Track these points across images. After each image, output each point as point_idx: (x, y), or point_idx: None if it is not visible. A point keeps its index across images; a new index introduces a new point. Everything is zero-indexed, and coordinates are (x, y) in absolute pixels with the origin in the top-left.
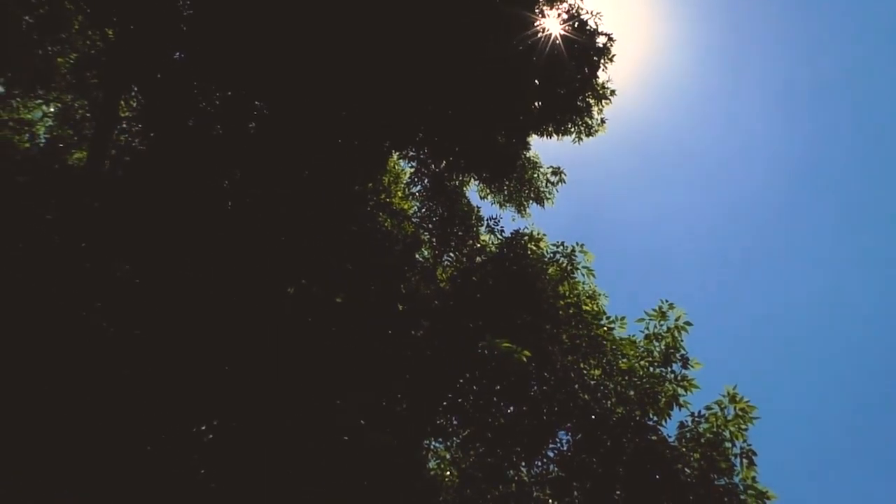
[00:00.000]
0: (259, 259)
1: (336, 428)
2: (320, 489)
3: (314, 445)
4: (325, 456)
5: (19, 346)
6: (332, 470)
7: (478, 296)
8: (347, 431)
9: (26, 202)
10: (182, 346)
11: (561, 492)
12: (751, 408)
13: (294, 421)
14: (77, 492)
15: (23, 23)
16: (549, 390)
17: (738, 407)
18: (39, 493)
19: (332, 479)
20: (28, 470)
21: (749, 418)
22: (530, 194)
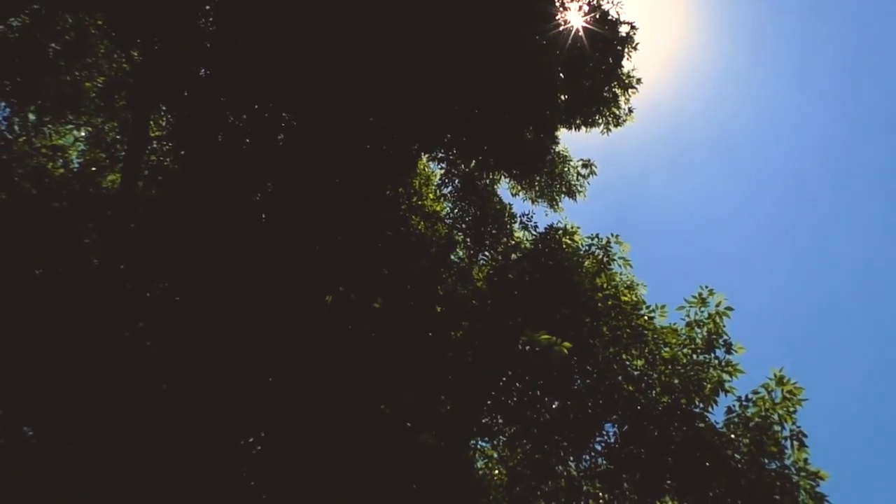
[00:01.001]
0: (296, 270)
1: (382, 431)
2: (371, 493)
3: (362, 451)
4: (374, 460)
5: (69, 368)
6: (380, 474)
7: (515, 293)
8: (393, 434)
9: (64, 227)
10: (225, 361)
11: (611, 484)
12: (798, 389)
13: (340, 426)
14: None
15: (49, 50)
16: (592, 383)
17: (786, 389)
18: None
19: (381, 483)
20: (90, 486)
21: (797, 400)
22: (562, 188)
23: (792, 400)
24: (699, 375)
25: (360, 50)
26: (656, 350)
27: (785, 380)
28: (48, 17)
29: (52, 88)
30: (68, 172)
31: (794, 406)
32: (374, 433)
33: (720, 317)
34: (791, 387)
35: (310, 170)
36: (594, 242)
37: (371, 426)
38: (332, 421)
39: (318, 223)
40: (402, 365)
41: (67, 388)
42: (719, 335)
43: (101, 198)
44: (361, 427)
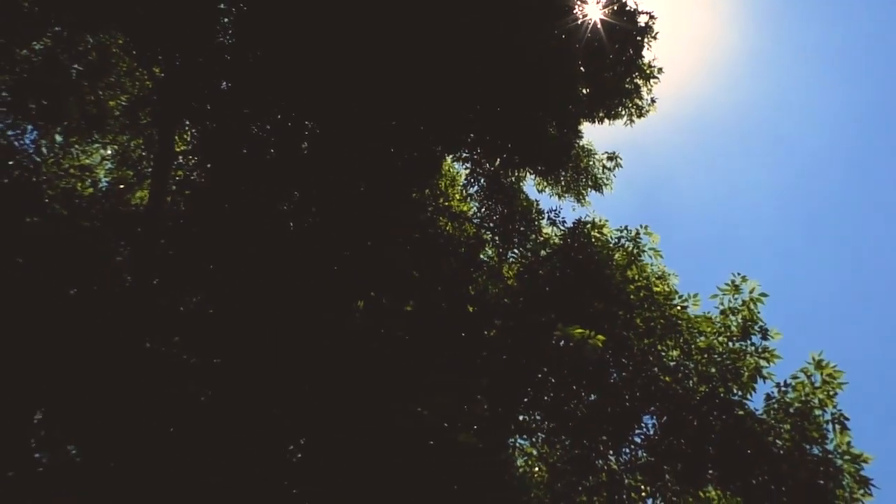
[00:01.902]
0: (326, 276)
1: (419, 433)
2: (412, 496)
3: (401, 453)
4: (413, 462)
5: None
6: (421, 476)
7: (546, 289)
8: (431, 436)
9: (96, 247)
10: (263, 370)
11: (652, 477)
12: (838, 373)
13: (377, 430)
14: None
15: (73, 71)
16: (628, 376)
17: (825, 373)
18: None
19: (422, 485)
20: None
21: (837, 384)
22: (588, 182)
23: (832, 384)
24: (736, 363)
25: (380, 53)
26: (691, 339)
27: (824, 363)
28: (70, 38)
29: (77, 109)
30: (97, 191)
31: (834, 390)
32: (412, 435)
33: (754, 303)
34: (830, 370)
35: (334, 176)
36: (623, 234)
37: (409, 428)
38: (370, 425)
39: (345, 229)
40: (436, 366)
41: (110, 406)
42: (754, 322)
43: (131, 215)
44: (399, 429)
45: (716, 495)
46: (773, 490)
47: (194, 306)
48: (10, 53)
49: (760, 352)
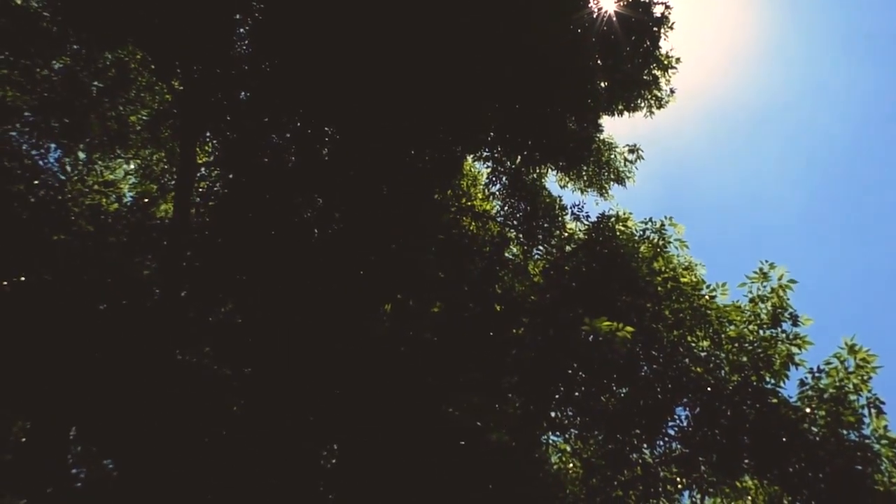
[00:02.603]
0: (352, 281)
1: (452, 433)
2: (448, 496)
3: (434, 456)
4: (446, 463)
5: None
6: (454, 476)
7: (573, 285)
8: (464, 436)
9: (123, 262)
10: (293, 377)
11: (688, 468)
12: (871, 357)
13: (409, 432)
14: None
15: (93, 89)
16: (659, 368)
17: (859, 357)
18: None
19: (457, 486)
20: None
21: (871, 368)
22: (610, 176)
23: (865, 368)
24: (767, 351)
25: (396, 55)
26: (721, 329)
27: (857, 348)
28: (89, 56)
29: (99, 125)
30: (122, 207)
31: (868, 374)
32: (444, 436)
33: (783, 290)
34: (864, 354)
35: (356, 181)
36: (648, 227)
37: (441, 429)
38: (402, 427)
39: (369, 233)
40: (466, 367)
41: (144, 419)
42: (784, 309)
43: (157, 228)
44: (431, 431)
45: (752, 485)
46: (810, 477)
47: (223, 317)
48: (31, 74)
49: (791, 339)
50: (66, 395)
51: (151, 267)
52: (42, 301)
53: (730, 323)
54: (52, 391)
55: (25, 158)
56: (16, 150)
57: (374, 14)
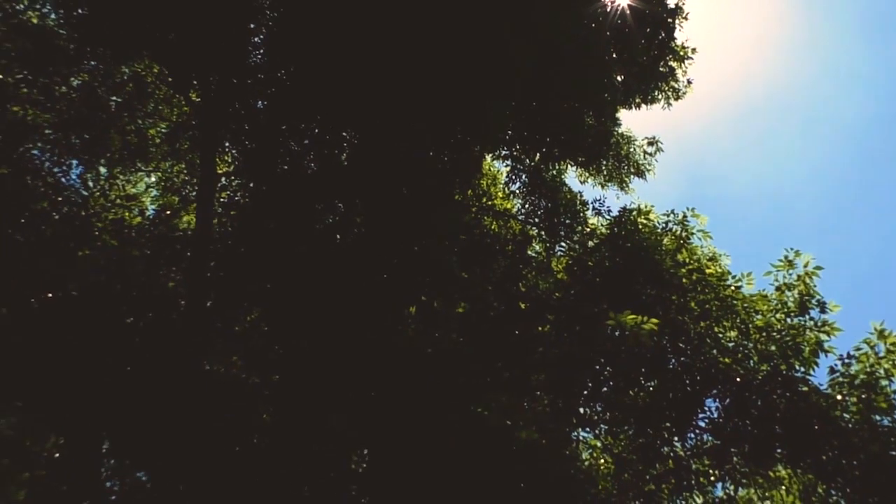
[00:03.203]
0: (376, 285)
1: (481, 433)
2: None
3: (464, 456)
4: (477, 463)
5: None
6: (485, 475)
7: (597, 280)
8: (493, 435)
9: (148, 274)
10: (322, 383)
11: (720, 460)
12: None
13: (439, 434)
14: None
15: (112, 104)
16: (687, 360)
17: (889, 342)
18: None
19: (487, 485)
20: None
21: None
22: (630, 169)
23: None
24: (796, 339)
25: (411, 56)
26: (748, 319)
27: (886, 333)
28: (106, 71)
29: (119, 140)
30: (145, 220)
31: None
32: (474, 436)
33: (809, 277)
34: (894, 339)
35: (376, 185)
36: (670, 219)
37: (470, 430)
38: (431, 429)
39: (391, 236)
40: (492, 366)
41: (175, 430)
42: (811, 296)
43: (180, 240)
44: (460, 432)
45: (786, 474)
46: (844, 464)
47: (249, 326)
48: (50, 92)
49: (820, 326)
50: (98, 410)
51: (176, 278)
52: (70, 316)
53: (756, 312)
54: (84, 406)
55: (48, 176)
56: (38, 167)
57: (387, 17)
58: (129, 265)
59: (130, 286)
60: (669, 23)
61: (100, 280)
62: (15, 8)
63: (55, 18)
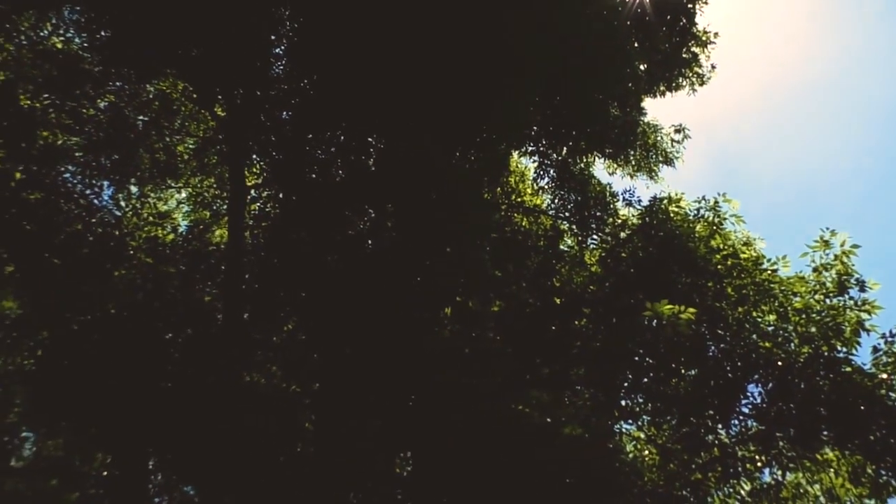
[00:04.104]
0: (410, 288)
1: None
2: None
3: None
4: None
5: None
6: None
7: (631, 271)
8: (536, 432)
9: (184, 289)
10: (363, 389)
11: (766, 445)
12: None
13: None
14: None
15: (139, 123)
16: (726, 347)
17: None
18: None
19: (532, 483)
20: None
21: None
22: (658, 158)
23: None
24: (836, 319)
25: (431, 58)
26: (787, 302)
27: None
28: (132, 92)
29: (149, 158)
30: (178, 236)
31: None
32: (516, 434)
33: (847, 256)
34: None
35: (405, 189)
36: (702, 205)
37: (511, 428)
38: (472, 430)
39: (422, 239)
40: (531, 363)
41: (220, 443)
42: (849, 275)
43: (213, 254)
44: (502, 430)
45: (834, 456)
46: (893, 443)
47: (287, 335)
48: (78, 115)
49: (860, 305)
50: (143, 426)
51: (212, 292)
52: (110, 335)
53: (795, 295)
54: (129, 423)
55: (80, 198)
56: (70, 190)
57: (406, 19)
58: (164, 282)
59: (167, 303)
60: (690, 8)
61: (137, 298)
62: (39, 35)
63: (79, 42)
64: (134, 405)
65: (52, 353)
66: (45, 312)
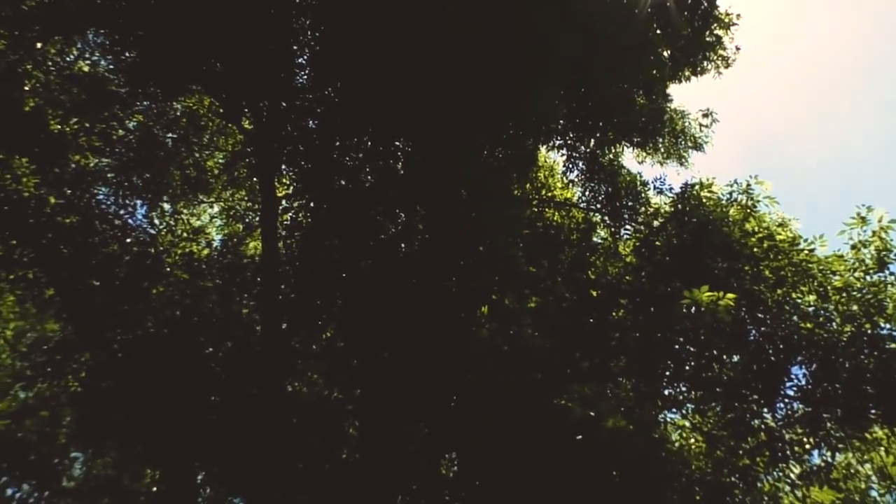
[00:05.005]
0: (446, 290)
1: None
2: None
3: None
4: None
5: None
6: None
7: (667, 259)
8: (580, 426)
9: (221, 303)
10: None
11: (813, 427)
12: None
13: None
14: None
15: (168, 141)
16: (767, 330)
17: None
18: None
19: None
20: None
21: None
22: (687, 144)
23: None
24: (878, 296)
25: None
26: (826, 281)
27: None
28: (159, 110)
29: (180, 175)
30: (213, 250)
31: None
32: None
33: (885, 231)
34: None
35: (434, 190)
36: (734, 189)
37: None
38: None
39: (455, 239)
40: (571, 357)
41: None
42: (888, 250)
43: (248, 267)
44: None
45: (883, 434)
46: None
47: (326, 343)
48: (108, 137)
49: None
50: (189, 440)
51: (249, 304)
52: (151, 352)
53: (834, 273)
54: (175, 438)
55: (115, 219)
56: (105, 212)
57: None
58: (202, 297)
59: (206, 317)
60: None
61: (175, 314)
62: (66, 60)
63: (105, 65)
64: (178, 420)
65: (96, 373)
66: (86, 334)
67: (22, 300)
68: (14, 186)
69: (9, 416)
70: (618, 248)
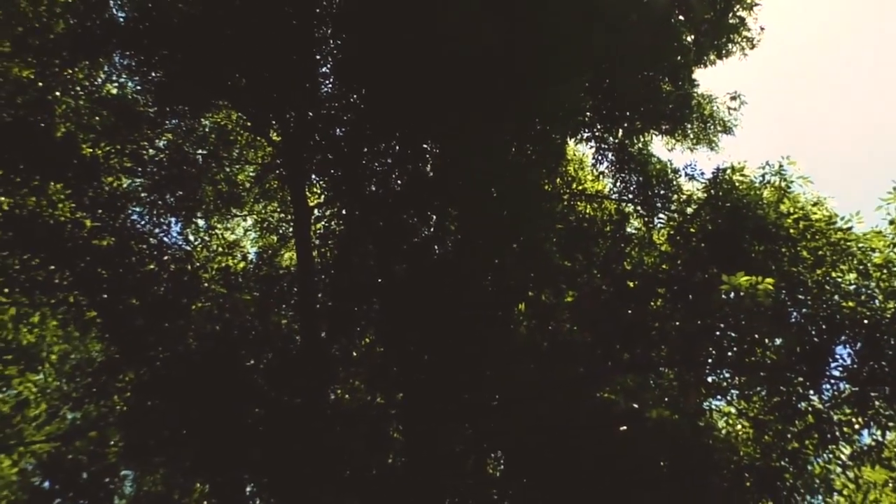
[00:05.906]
0: (482, 289)
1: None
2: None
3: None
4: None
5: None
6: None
7: (702, 245)
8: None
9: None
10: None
11: (861, 406)
12: None
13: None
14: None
15: (198, 157)
16: (808, 311)
17: None
18: None
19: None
20: None
21: None
22: (717, 128)
23: None
24: None
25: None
26: (865, 258)
27: None
28: (188, 128)
29: (212, 190)
30: (248, 263)
31: None
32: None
33: None
34: None
35: (464, 191)
36: (766, 170)
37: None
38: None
39: (487, 239)
40: (611, 349)
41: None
42: None
43: (284, 277)
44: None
45: None
46: None
47: (366, 349)
48: (139, 158)
49: None
50: (235, 453)
51: (287, 315)
52: (192, 368)
53: (873, 250)
54: (221, 452)
55: (150, 237)
56: (140, 232)
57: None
58: (240, 310)
59: (245, 330)
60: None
61: (215, 329)
62: (94, 84)
63: (132, 86)
64: (223, 433)
65: (140, 391)
66: (129, 353)
67: (64, 323)
68: (50, 212)
69: (58, 438)
70: (652, 238)
